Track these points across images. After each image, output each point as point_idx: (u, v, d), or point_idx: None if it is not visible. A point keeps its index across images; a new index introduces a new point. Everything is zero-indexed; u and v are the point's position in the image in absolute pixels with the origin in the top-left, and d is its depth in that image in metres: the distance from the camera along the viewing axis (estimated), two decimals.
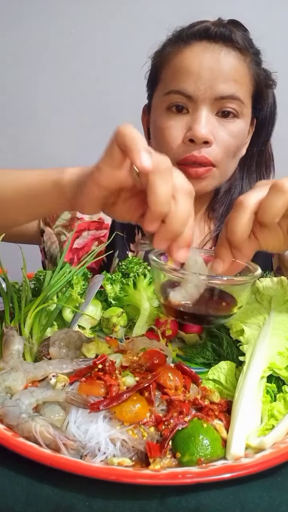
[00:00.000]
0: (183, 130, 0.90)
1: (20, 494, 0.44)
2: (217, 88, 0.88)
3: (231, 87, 0.89)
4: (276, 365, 0.59)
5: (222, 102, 0.89)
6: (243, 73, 0.91)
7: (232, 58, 0.89)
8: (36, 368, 0.57)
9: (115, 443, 0.48)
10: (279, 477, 0.47)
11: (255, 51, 0.95)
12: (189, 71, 0.89)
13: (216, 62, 0.88)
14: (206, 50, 0.89)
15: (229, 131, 0.91)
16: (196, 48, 0.90)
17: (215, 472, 0.45)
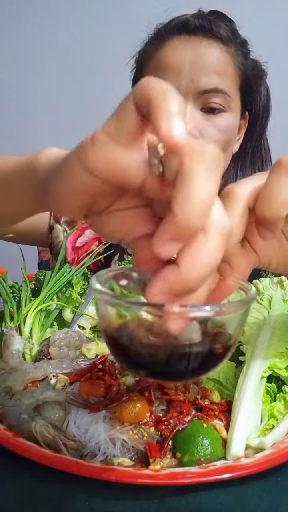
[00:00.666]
0: None
1: (20, 494, 0.44)
2: (199, 81, 0.84)
3: (214, 79, 0.85)
4: (276, 365, 0.59)
5: (206, 97, 0.85)
6: (227, 64, 0.87)
7: (214, 49, 0.86)
8: (36, 368, 0.57)
9: (115, 443, 0.48)
10: (279, 477, 0.47)
11: (241, 41, 0.92)
12: (170, 67, 0.86)
13: (196, 55, 0.85)
14: (185, 43, 0.86)
15: (216, 126, 0.87)
16: (175, 42, 0.87)
17: (215, 472, 0.45)
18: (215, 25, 0.86)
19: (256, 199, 0.35)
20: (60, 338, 0.63)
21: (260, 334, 0.64)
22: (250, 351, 0.61)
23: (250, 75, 0.92)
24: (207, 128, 0.86)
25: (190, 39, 0.86)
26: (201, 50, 0.85)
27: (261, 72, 0.95)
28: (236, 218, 0.35)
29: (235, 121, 0.91)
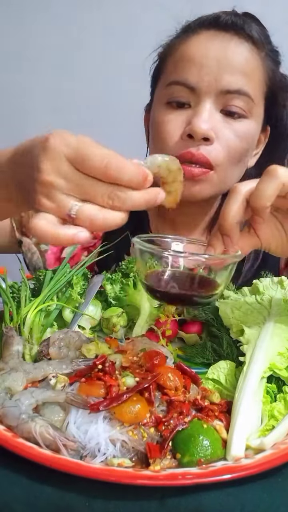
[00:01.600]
0: (183, 125, 0.81)
1: (20, 495, 0.44)
2: (223, 80, 0.79)
3: (239, 80, 0.79)
4: (276, 366, 0.59)
5: (228, 98, 0.80)
6: (255, 67, 0.81)
7: (244, 49, 0.80)
8: (36, 369, 0.57)
9: (115, 444, 0.48)
10: (279, 478, 0.47)
11: (273, 48, 0.86)
12: (193, 60, 0.80)
13: (224, 52, 0.79)
14: (214, 38, 0.80)
15: (235, 130, 0.82)
16: (203, 36, 0.81)
17: (215, 473, 0.45)
18: (248, 24, 0.82)
19: (251, 195, 0.52)
20: (60, 339, 0.63)
21: (260, 334, 0.64)
22: (250, 351, 0.61)
23: (278, 85, 0.86)
24: (225, 131, 0.81)
25: (220, 35, 0.81)
26: (230, 48, 0.80)
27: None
28: (236, 206, 0.52)
29: (255, 129, 0.85)
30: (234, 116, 0.82)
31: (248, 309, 0.70)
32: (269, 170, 0.51)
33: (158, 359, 0.57)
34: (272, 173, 0.51)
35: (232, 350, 0.67)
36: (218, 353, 0.69)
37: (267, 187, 0.50)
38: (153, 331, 0.74)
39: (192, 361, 0.70)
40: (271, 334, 0.64)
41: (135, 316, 0.78)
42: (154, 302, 0.78)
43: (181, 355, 0.72)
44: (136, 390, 0.51)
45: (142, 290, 0.79)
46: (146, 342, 0.64)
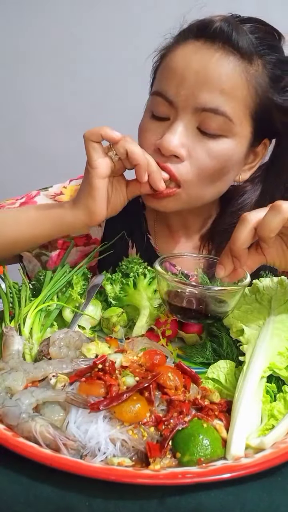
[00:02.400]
0: (158, 137, 0.79)
1: (20, 494, 0.44)
2: (200, 97, 0.74)
3: (217, 98, 0.74)
4: (276, 365, 0.59)
5: (203, 116, 0.75)
6: (238, 84, 0.75)
7: (227, 64, 0.74)
8: (36, 368, 0.57)
9: (115, 443, 0.48)
10: (279, 477, 0.47)
11: (274, 60, 0.78)
12: (174, 72, 0.77)
13: (204, 66, 0.74)
14: (198, 50, 0.75)
15: (209, 149, 0.77)
16: (189, 47, 0.77)
17: (215, 472, 0.45)
18: (238, 34, 0.74)
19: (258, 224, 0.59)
20: (60, 338, 0.63)
21: (260, 334, 0.64)
22: (250, 351, 0.61)
23: (273, 102, 0.79)
24: (198, 150, 0.77)
25: (205, 46, 0.75)
26: (212, 61, 0.74)
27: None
28: (245, 234, 0.60)
29: (236, 149, 0.80)
30: (210, 135, 0.77)
31: (248, 309, 0.70)
32: (275, 206, 0.58)
33: (158, 359, 0.57)
34: (278, 209, 0.57)
35: (232, 350, 0.67)
36: (218, 353, 0.69)
37: (272, 220, 0.57)
38: (153, 331, 0.75)
39: (192, 361, 0.70)
40: (271, 334, 0.64)
41: (135, 316, 0.78)
42: (154, 302, 0.79)
43: (181, 355, 0.72)
44: (136, 389, 0.51)
45: (142, 290, 0.79)
46: (146, 342, 0.64)
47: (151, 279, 0.80)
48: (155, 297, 0.79)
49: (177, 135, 0.76)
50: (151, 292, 0.79)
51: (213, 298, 0.63)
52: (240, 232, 0.60)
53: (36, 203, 0.98)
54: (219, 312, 0.63)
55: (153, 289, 0.79)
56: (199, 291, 0.63)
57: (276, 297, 0.72)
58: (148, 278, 0.80)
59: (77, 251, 1.01)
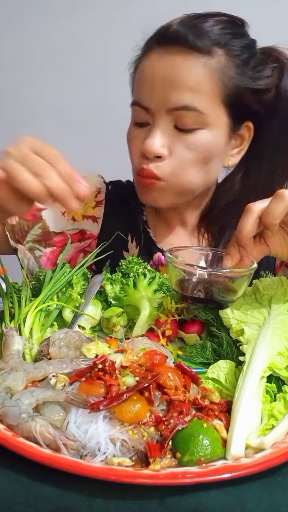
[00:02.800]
0: (142, 142, 0.86)
1: (20, 494, 0.44)
2: (170, 98, 0.81)
3: (184, 97, 0.81)
4: (276, 365, 0.59)
5: (177, 114, 0.82)
6: (202, 79, 0.81)
7: (188, 63, 0.80)
8: (36, 368, 0.57)
9: (115, 443, 0.48)
10: (279, 477, 0.47)
11: (238, 47, 0.84)
12: (145, 81, 0.84)
13: (169, 70, 0.81)
14: (161, 57, 0.82)
15: (188, 144, 0.84)
16: (153, 55, 0.84)
17: (215, 472, 0.45)
18: (193, 33, 0.80)
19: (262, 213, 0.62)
20: (60, 338, 0.63)
21: (260, 334, 0.64)
22: (250, 351, 0.61)
23: (243, 86, 0.84)
24: (178, 146, 0.84)
25: (166, 52, 0.82)
26: (174, 65, 0.81)
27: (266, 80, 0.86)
28: (250, 223, 0.62)
29: (216, 137, 0.86)
30: (186, 130, 0.83)
31: (248, 309, 0.70)
32: (278, 194, 0.60)
33: (158, 359, 0.57)
34: (281, 196, 0.60)
35: (232, 350, 0.67)
36: (218, 353, 0.69)
37: (276, 208, 0.60)
38: (153, 331, 0.75)
39: (192, 361, 0.70)
40: (271, 334, 0.64)
41: (135, 316, 0.78)
42: (154, 302, 0.79)
43: (181, 355, 0.72)
44: (136, 389, 0.51)
45: (142, 290, 0.79)
46: (146, 342, 0.64)
47: (151, 279, 0.80)
48: (155, 297, 0.79)
49: (157, 137, 0.84)
50: (151, 292, 0.79)
51: (222, 284, 0.65)
52: (246, 222, 0.62)
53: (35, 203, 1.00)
54: (228, 298, 0.65)
55: (153, 289, 0.79)
56: (209, 274, 0.65)
57: (276, 297, 0.72)
58: (148, 278, 0.80)
59: (72, 247, 1.03)
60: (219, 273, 0.68)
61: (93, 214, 1.05)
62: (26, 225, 1.02)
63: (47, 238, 1.02)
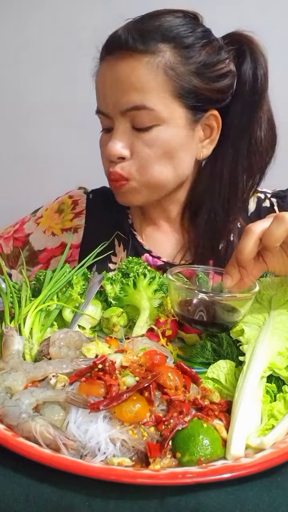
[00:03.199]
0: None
1: (20, 494, 0.44)
2: (120, 101, 0.85)
3: (133, 97, 0.84)
4: (276, 365, 0.59)
5: (130, 115, 0.86)
6: (147, 77, 0.83)
7: (132, 65, 0.83)
8: (36, 368, 0.57)
9: (115, 443, 0.48)
10: (279, 477, 0.47)
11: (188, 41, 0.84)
12: (99, 90, 0.90)
13: (115, 76, 0.85)
14: (108, 66, 0.87)
15: (146, 141, 0.87)
16: (103, 65, 0.89)
17: (215, 472, 0.45)
18: (133, 37, 0.83)
19: (263, 235, 0.62)
20: (60, 338, 0.63)
21: (260, 334, 0.64)
22: (250, 351, 0.61)
23: (194, 78, 0.85)
24: (137, 145, 0.87)
25: (112, 60, 0.86)
26: (118, 70, 0.85)
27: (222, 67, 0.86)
28: (251, 244, 0.62)
29: (174, 131, 0.87)
30: (143, 129, 0.86)
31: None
32: (279, 217, 0.61)
33: (158, 359, 0.57)
34: (282, 219, 0.60)
35: (232, 350, 0.67)
36: (218, 353, 0.69)
37: (277, 230, 0.60)
38: (153, 331, 0.75)
39: (192, 361, 0.70)
40: (271, 334, 0.64)
41: (135, 316, 0.78)
42: (154, 302, 0.79)
43: (181, 355, 0.72)
44: (136, 389, 0.51)
45: (142, 290, 0.79)
46: (146, 342, 0.64)
47: (151, 279, 0.80)
48: (155, 297, 0.79)
49: (116, 140, 0.88)
50: (151, 292, 0.79)
51: (224, 306, 0.64)
52: (246, 243, 0.62)
53: (24, 229, 1.13)
54: (231, 320, 0.63)
55: (153, 289, 0.79)
56: (211, 298, 0.63)
57: (276, 297, 0.72)
58: (148, 278, 0.80)
59: (56, 261, 1.08)
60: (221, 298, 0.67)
61: (72, 225, 1.10)
62: (17, 251, 1.11)
63: (33, 257, 1.10)
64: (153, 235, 1.07)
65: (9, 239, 1.13)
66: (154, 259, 1.04)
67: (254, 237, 0.62)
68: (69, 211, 1.11)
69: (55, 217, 1.12)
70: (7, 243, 1.13)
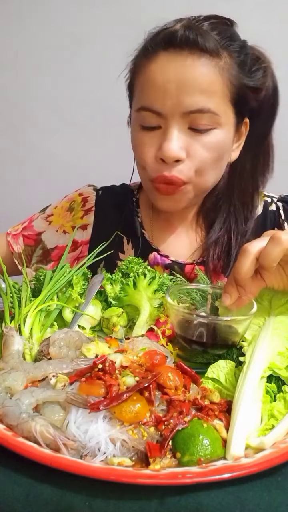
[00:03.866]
0: (156, 148, 0.86)
1: (20, 494, 0.44)
2: (184, 102, 0.82)
3: (199, 100, 0.82)
4: (276, 365, 0.59)
5: (192, 117, 0.83)
6: (214, 80, 0.82)
7: (200, 66, 0.81)
8: (36, 368, 0.57)
9: (115, 443, 0.48)
10: (279, 477, 0.47)
11: (237, 48, 0.86)
12: (155, 86, 0.83)
13: (181, 74, 0.81)
14: (170, 61, 0.82)
15: (204, 144, 0.85)
16: (161, 59, 0.83)
17: (215, 472, 0.45)
18: (202, 37, 0.81)
19: (259, 255, 0.62)
20: (60, 338, 0.63)
21: (260, 334, 0.64)
22: (250, 351, 0.61)
23: (245, 85, 0.87)
24: (195, 147, 0.85)
25: (176, 56, 0.82)
26: (186, 69, 0.81)
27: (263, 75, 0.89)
28: (248, 264, 0.63)
29: (226, 135, 0.88)
30: (201, 131, 0.85)
31: None
32: (274, 237, 0.61)
33: (158, 359, 0.57)
34: (278, 240, 0.61)
35: (232, 350, 0.67)
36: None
37: (273, 251, 0.61)
38: (153, 331, 0.75)
39: (192, 361, 0.70)
40: (271, 334, 0.64)
41: (135, 316, 0.78)
42: (154, 302, 0.79)
43: (181, 355, 0.72)
44: (136, 389, 0.51)
45: (142, 290, 0.79)
46: (146, 342, 0.64)
47: (151, 279, 0.80)
48: (155, 297, 0.79)
49: (174, 141, 0.84)
50: (151, 292, 0.79)
51: (223, 328, 0.64)
52: (244, 263, 0.63)
53: (33, 227, 1.13)
54: (230, 340, 0.64)
55: (153, 289, 0.79)
56: (209, 321, 0.64)
57: (276, 297, 0.72)
58: (148, 278, 0.80)
59: (68, 258, 1.08)
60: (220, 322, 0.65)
61: (83, 223, 1.10)
62: (30, 250, 1.11)
63: (47, 255, 1.10)
64: (163, 234, 1.07)
65: (17, 236, 1.12)
66: (162, 257, 1.05)
67: (251, 257, 0.62)
68: (79, 208, 1.11)
69: (67, 215, 1.12)
70: (16, 240, 1.12)
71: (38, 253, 1.11)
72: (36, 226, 1.13)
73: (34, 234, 1.12)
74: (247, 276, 0.63)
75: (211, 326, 0.63)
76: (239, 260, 0.63)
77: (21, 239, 1.12)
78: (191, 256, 1.05)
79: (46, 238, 1.12)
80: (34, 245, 1.12)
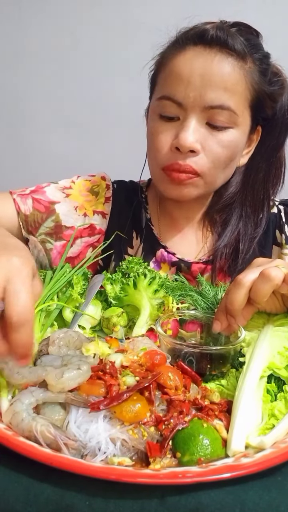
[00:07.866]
0: (172, 137, 0.89)
1: (21, 493, 0.44)
2: (206, 96, 0.85)
3: (221, 96, 0.85)
4: (275, 365, 0.59)
5: (211, 112, 0.86)
6: (238, 81, 0.86)
7: (226, 65, 0.85)
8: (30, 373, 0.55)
9: (115, 443, 0.48)
10: (279, 477, 0.47)
11: (261, 56, 0.89)
12: (180, 77, 0.86)
13: (208, 69, 0.84)
14: (199, 55, 0.86)
15: (219, 141, 0.88)
16: (190, 53, 0.87)
17: (215, 471, 0.45)
18: (232, 38, 0.85)
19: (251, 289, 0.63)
20: (60, 338, 0.63)
21: (260, 334, 0.65)
22: (250, 352, 0.62)
23: (265, 92, 0.91)
24: (210, 142, 0.88)
25: (205, 51, 0.85)
26: (213, 65, 0.84)
27: (280, 87, 0.93)
28: (241, 296, 0.63)
29: (241, 137, 0.91)
30: (219, 128, 0.88)
31: None
32: (264, 274, 0.62)
33: (158, 359, 0.57)
34: (267, 278, 0.62)
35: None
36: None
37: (263, 288, 0.62)
38: (153, 331, 0.75)
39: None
40: (271, 335, 0.64)
41: (135, 316, 0.78)
42: (154, 302, 0.79)
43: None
44: (136, 389, 0.52)
45: (142, 290, 0.79)
46: (146, 342, 0.64)
47: (151, 279, 0.80)
48: (155, 297, 0.79)
49: (191, 132, 0.86)
50: (151, 292, 0.79)
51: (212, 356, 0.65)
52: (236, 295, 0.64)
53: (45, 193, 1.04)
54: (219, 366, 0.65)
55: (153, 289, 0.79)
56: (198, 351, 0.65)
57: None
58: (148, 278, 0.80)
59: (82, 242, 1.05)
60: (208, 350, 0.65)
61: (103, 210, 1.07)
62: (39, 217, 1.01)
63: (59, 231, 1.02)
64: (170, 232, 1.08)
65: (26, 197, 1.01)
66: (169, 255, 1.05)
67: (244, 291, 0.63)
68: (103, 194, 1.07)
69: (89, 196, 1.06)
70: (24, 200, 1.01)
71: (49, 224, 1.02)
72: (50, 194, 1.03)
73: (46, 201, 1.02)
74: (239, 308, 0.64)
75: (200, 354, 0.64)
76: (232, 291, 0.64)
77: (30, 201, 1.01)
78: (197, 255, 1.06)
79: (62, 212, 1.02)
80: (45, 213, 1.01)
